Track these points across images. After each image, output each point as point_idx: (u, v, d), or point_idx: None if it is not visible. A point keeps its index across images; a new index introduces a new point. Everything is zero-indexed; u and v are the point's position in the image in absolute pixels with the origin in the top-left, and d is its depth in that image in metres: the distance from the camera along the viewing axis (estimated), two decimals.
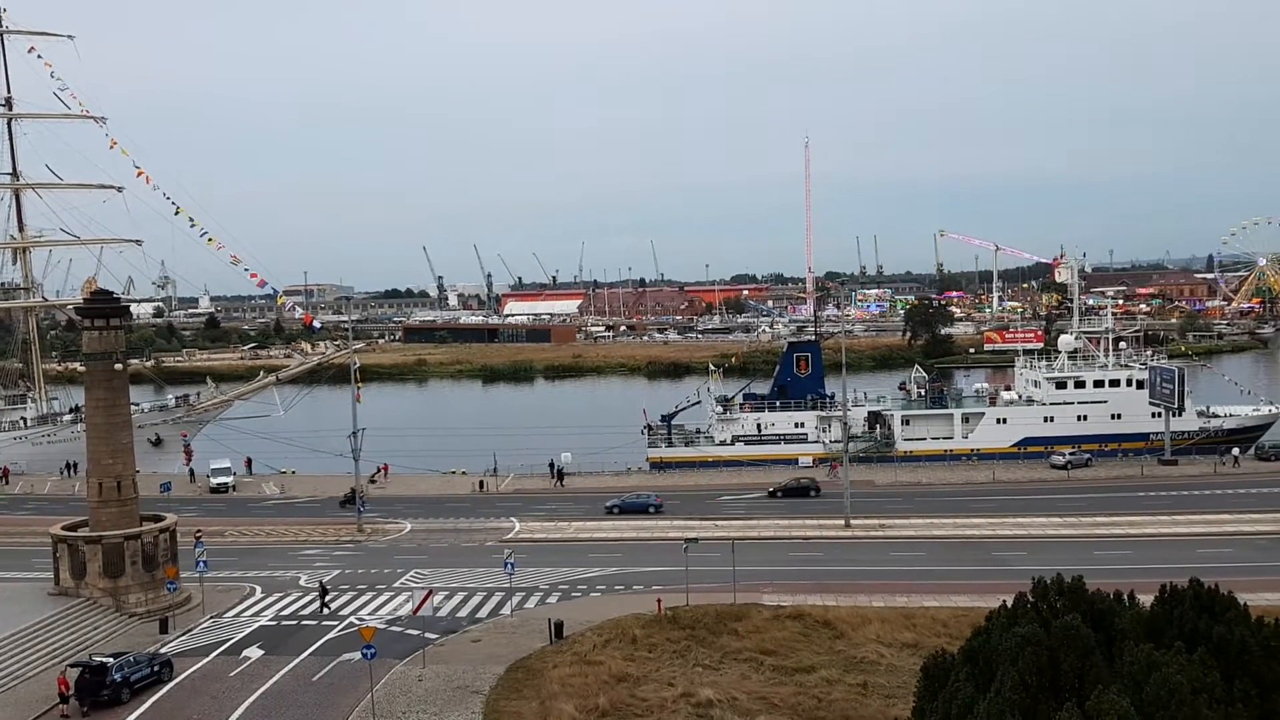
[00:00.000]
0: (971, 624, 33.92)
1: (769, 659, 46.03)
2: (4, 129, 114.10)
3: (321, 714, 41.17)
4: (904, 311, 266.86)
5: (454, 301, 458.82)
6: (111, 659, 43.95)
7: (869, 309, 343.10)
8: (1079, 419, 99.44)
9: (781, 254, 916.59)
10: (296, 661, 47.05)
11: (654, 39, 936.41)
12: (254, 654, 48.39)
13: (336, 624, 52.55)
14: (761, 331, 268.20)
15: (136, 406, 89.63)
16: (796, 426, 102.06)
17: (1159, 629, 27.17)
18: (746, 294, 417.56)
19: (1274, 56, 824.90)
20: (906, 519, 75.13)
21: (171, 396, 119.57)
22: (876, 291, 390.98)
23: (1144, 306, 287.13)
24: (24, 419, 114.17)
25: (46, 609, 53.77)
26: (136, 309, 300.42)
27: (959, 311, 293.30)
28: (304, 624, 52.82)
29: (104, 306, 58.74)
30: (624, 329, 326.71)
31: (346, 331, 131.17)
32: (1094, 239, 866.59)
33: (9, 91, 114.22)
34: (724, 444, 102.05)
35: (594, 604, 55.71)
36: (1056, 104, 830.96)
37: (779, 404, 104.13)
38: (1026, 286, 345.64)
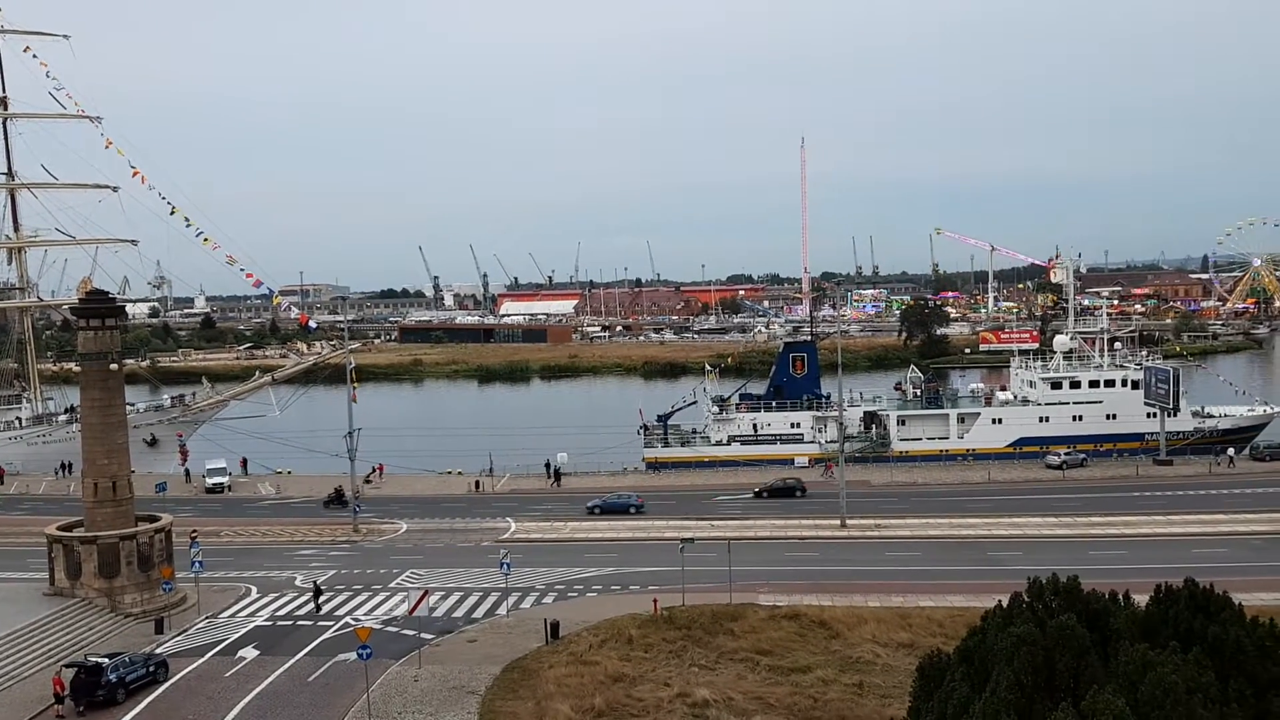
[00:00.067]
0: (967, 624, 33.96)
1: (765, 659, 46.05)
2: None
3: (317, 714, 41.14)
4: (900, 312, 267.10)
5: (450, 301, 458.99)
6: (107, 659, 43.93)
7: (865, 309, 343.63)
8: (1074, 419, 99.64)
9: (778, 254, 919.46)
10: (292, 662, 47.01)
11: (654, 39, 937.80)
12: (249, 654, 48.33)
13: (332, 624, 52.50)
14: (757, 332, 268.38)
15: (132, 407, 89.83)
16: (792, 427, 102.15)
17: (1154, 629, 27.20)
18: (743, 294, 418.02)
19: (1274, 56, 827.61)
20: (902, 519, 75.20)
21: (167, 396, 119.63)
22: (872, 292, 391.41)
23: (1139, 307, 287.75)
24: (19, 419, 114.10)
25: (42, 609, 53.70)
26: (132, 309, 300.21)
27: (954, 312, 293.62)
28: (299, 624, 52.77)
29: (99, 306, 58.71)
30: (620, 329, 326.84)
31: (342, 331, 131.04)
32: (1089, 239, 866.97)
33: (4, 91, 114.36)
34: (720, 444, 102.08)
35: (590, 604, 55.71)
36: (1056, 104, 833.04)
37: (775, 404, 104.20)
38: (1022, 287, 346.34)
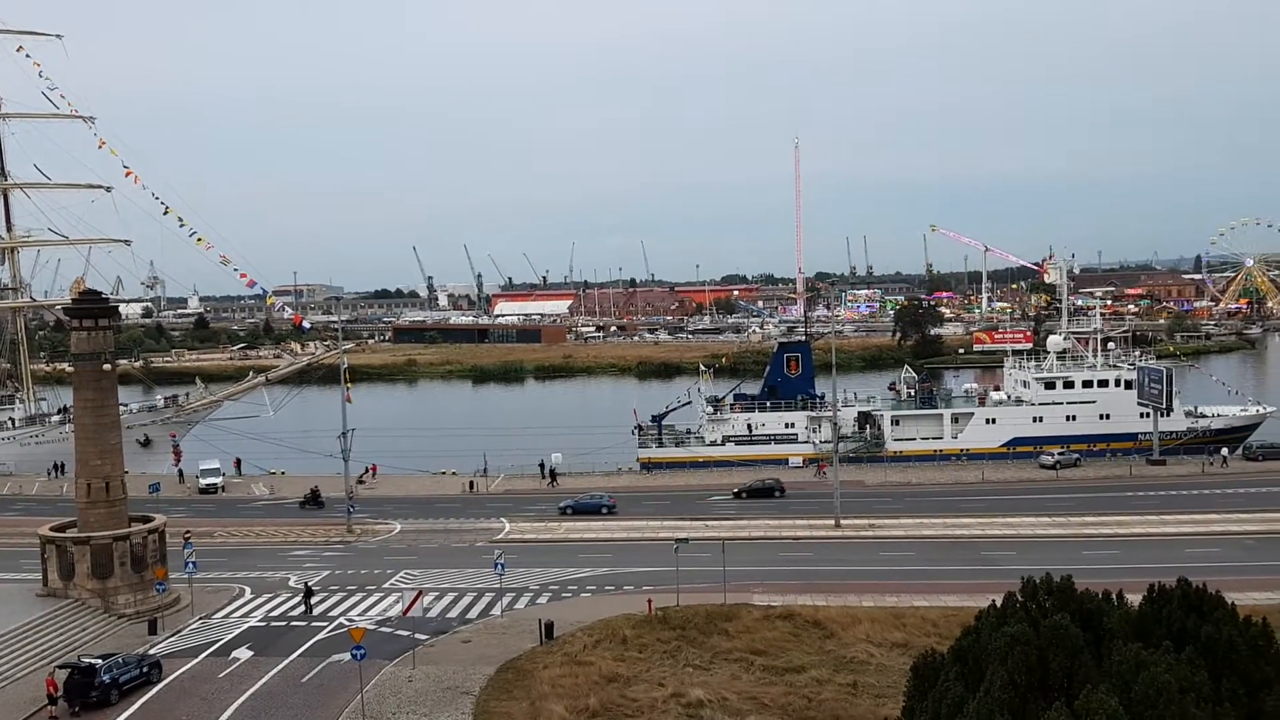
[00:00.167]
0: (961, 623, 34.01)
1: (759, 659, 46.07)
2: None
3: (311, 715, 41.08)
4: (894, 312, 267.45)
5: (444, 302, 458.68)
6: (100, 660, 43.84)
7: (859, 309, 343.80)
8: (1068, 419, 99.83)
9: (774, 254, 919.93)
10: (286, 662, 46.94)
11: (654, 39, 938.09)
12: (243, 655, 48.24)
13: (326, 625, 52.43)
14: (752, 332, 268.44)
15: (125, 407, 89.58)
16: (787, 427, 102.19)
17: (1147, 628, 27.26)
18: (737, 294, 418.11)
19: (1274, 56, 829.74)
20: (896, 519, 75.29)
21: (160, 397, 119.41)
22: (866, 292, 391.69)
23: (1132, 307, 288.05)
24: (12, 420, 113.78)
25: (35, 610, 53.54)
26: (125, 309, 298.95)
27: (948, 312, 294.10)
28: (293, 625, 52.69)
29: (92, 307, 58.56)
30: (614, 329, 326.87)
31: (336, 332, 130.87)
32: (1084, 240, 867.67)
33: None
34: (714, 444, 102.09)
35: (584, 604, 55.71)
36: (1056, 104, 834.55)
37: (769, 404, 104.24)
38: (1015, 287, 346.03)
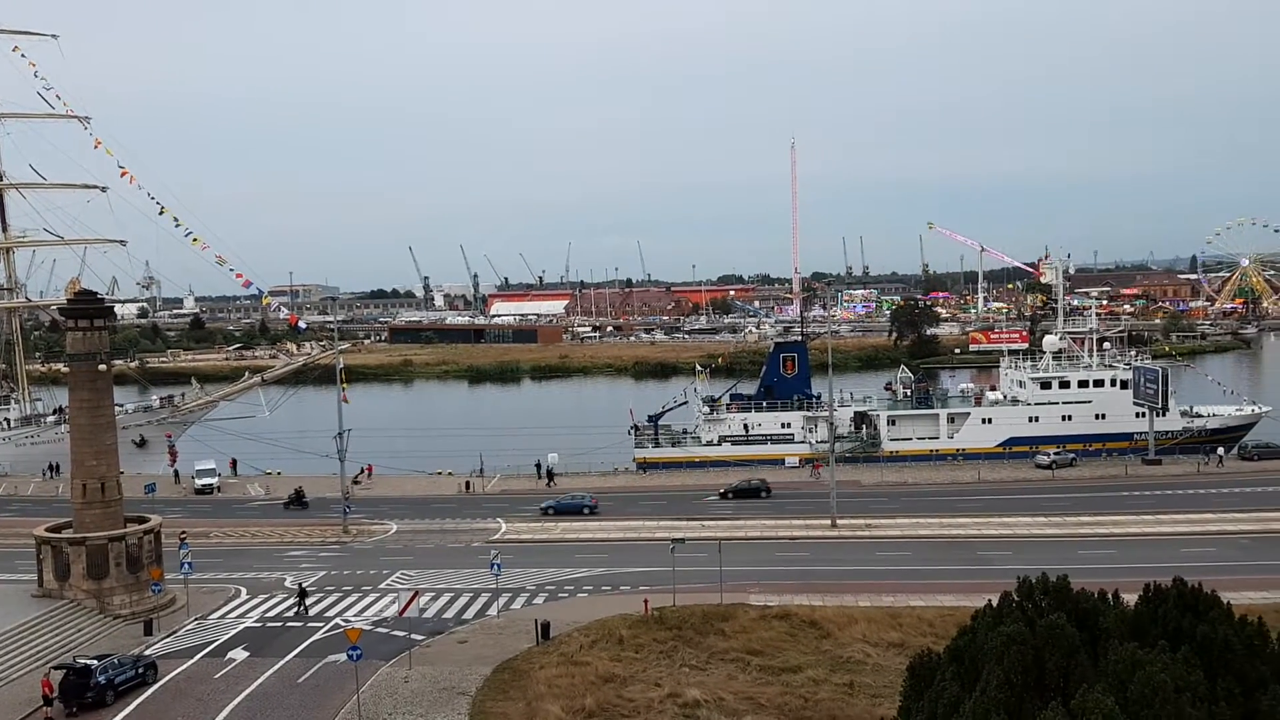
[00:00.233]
0: (957, 623, 34.00)
1: (756, 659, 46.08)
2: None
3: (307, 716, 41.05)
4: (890, 312, 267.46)
5: (440, 302, 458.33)
6: (96, 661, 43.79)
7: (855, 309, 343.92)
8: (1064, 419, 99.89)
9: (771, 254, 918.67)
10: (282, 663, 46.90)
11: (654, 39, 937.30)
12: (239, 656, 48.21)
13: (322, 625, 52.40)
14: (748, 332, 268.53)
15: (120, 407, 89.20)
16: (783, 427, 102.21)
17: (1143, 628, 27.28)
18: (733, 294, 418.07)
19: (1274, 56, 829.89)
20: (892, 519, 75.32)
21: (156, 397, 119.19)
22: (862, 292, 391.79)
23: (1128, 307, 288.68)
24: (7, 420, 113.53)
25: (30, 611, 53.48)
26: (120, 309, 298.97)
27: (944, 312, 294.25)
28: (289, 626, 52.64)
29: (88, 307, 58.47)
30: (611, 329, 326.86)
31: (332, 332, 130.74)
32: (1079, 240, 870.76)
33: None
34: (711, 444, 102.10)
35: (581, 604, 55.70)
36: (1056, 104, 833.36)
37: (765, 404, 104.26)
38: (1011, 287, 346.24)
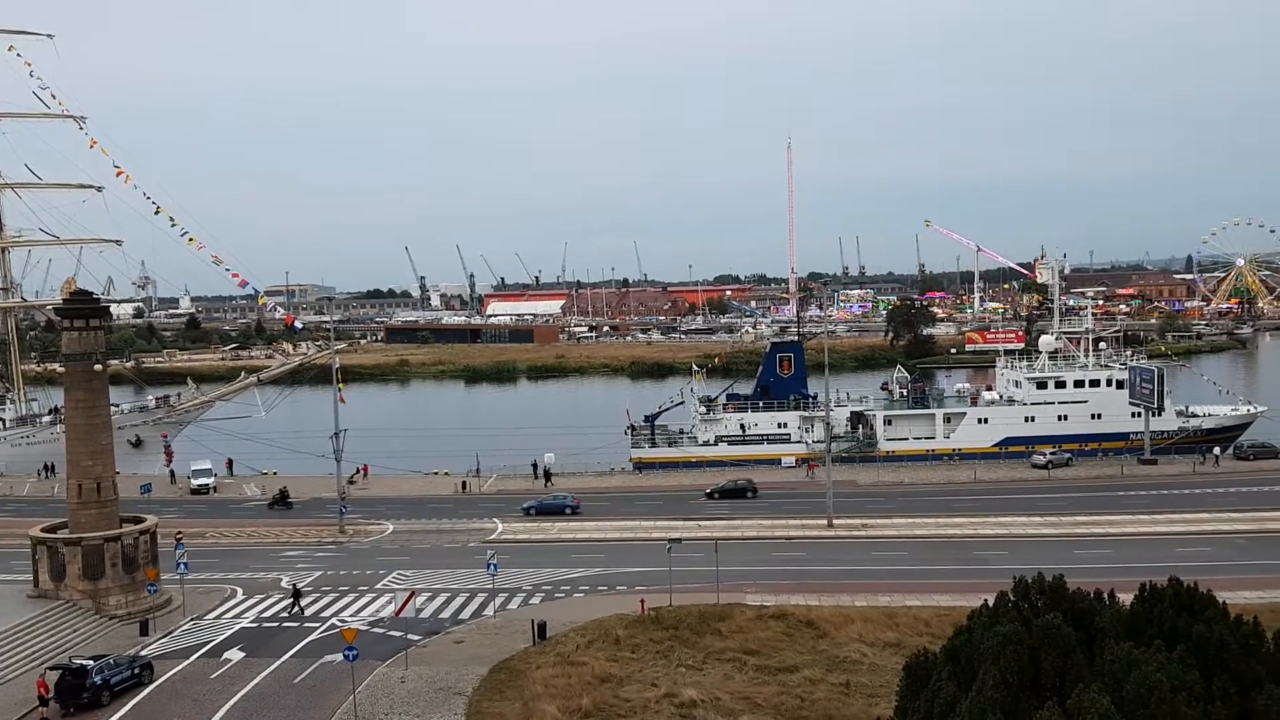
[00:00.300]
0: (953, 623, 34.03)
1: (752, 659, 46.10)
2: None
3: (303, 716, 41.00)
4: (886, 312, 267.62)
5: (436, 302, 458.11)
6: (91, 661, 43.72)
7: (851, 309, 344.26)
8: (1059, 419, 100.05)
9: (767, 254, 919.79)
10: (278, 664, 46.84)
11: (654, 39, 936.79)
12: (235, 656, 48.15)
13: (318, 626, 52.34)
14: (744, 332, 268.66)
15: (116, 407, 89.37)
16: (780, 427, 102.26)
17: (1139, 627, 27.29)
18: (730, 294, 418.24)
19: (1274, 56, 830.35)
20: (889, 519, 75.37)
21: (152, 397, 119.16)
22: (859, 292, 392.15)
23: (1124, 307, 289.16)
24: (3, 420, 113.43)
25: (26, 611, 53.39)
26: (116, 309, 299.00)
27: (941, 312, 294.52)
28: (285, 626, 52.57)
29: (83, 307, 58.39)
30: (607, 329, 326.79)
31: (328, 332, 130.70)
32: (1075, 240, 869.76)
33: None
34: (707, 444, 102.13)
35: (577, 605, 55.69)
36: (1056, 104, 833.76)
37: (762, 404, 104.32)
38: (1007, 287, 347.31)
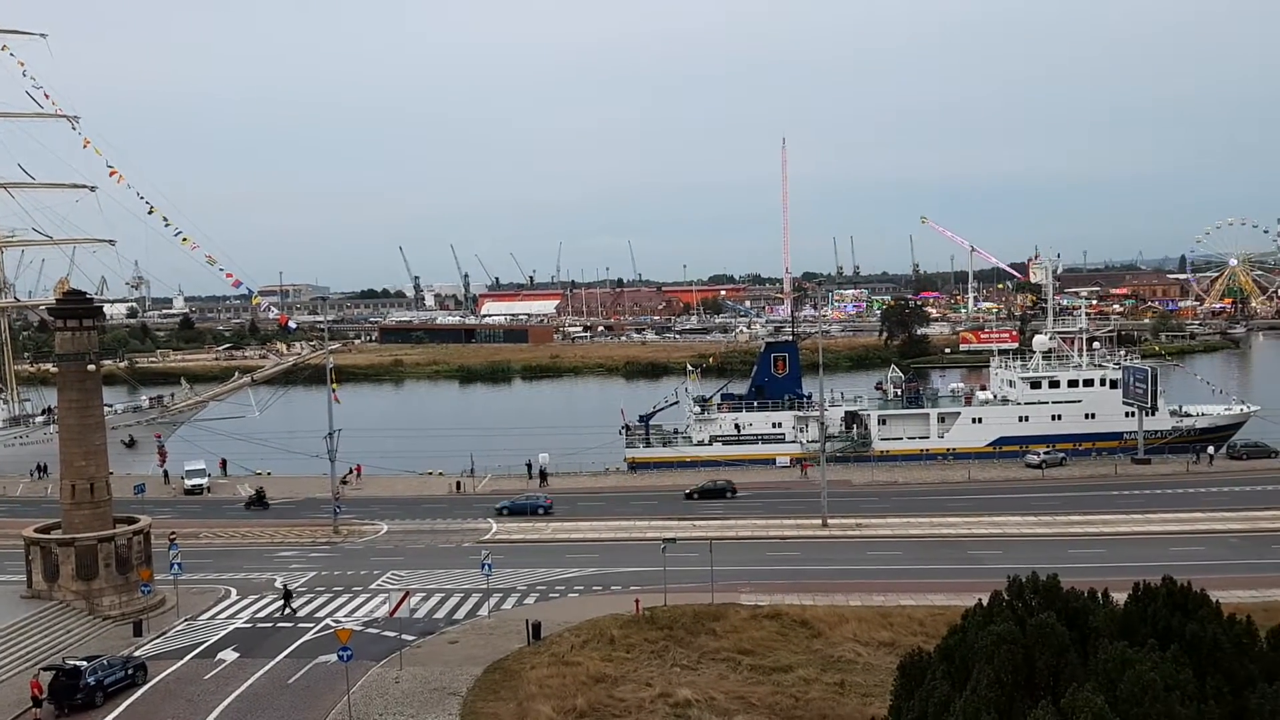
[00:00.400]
0: (948, 622, 34.10)
1: (747, 658, 46.12)
2: None
3: (298, 717, 40.97)
4: (880, 312, 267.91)
5: (431, 302, 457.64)
6: (85, 662, 43.67)
7: (846, 309, 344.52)
8: (1053, 418, 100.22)
9: (763, 254, 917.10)
10: (272, 664, 46.79)
11: (654, 39, 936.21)
12: (229, 657, 48.09)
13: (312, 626, 52.27)
14: (739, 332, 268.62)
15: (110, 408, 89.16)
16: (774, 426, 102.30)
17: (1132, 627, 27.36)
18: (724, 294, 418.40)
19: (1274, 56, 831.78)
20: (883, 518, 75.44)
21: (145, 397, 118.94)
22: (853, 292, 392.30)
23: (1117, 307, 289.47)
24: None
25: (19, 612, 53.28)
26: (110, 309, 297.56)
27: (935, 312, 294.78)
28: (280, 626, 52.52)
29: (77, 307, 58.28)
30: (602, 329, 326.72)
31: (322, 332, 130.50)
32: (1076, 239, 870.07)
33: None
34: (702, 444, 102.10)
35: (572, 605, 55.69)
36: (1056, 104, 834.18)
37: (756, 404, 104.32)
38: (1001, 287, 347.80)
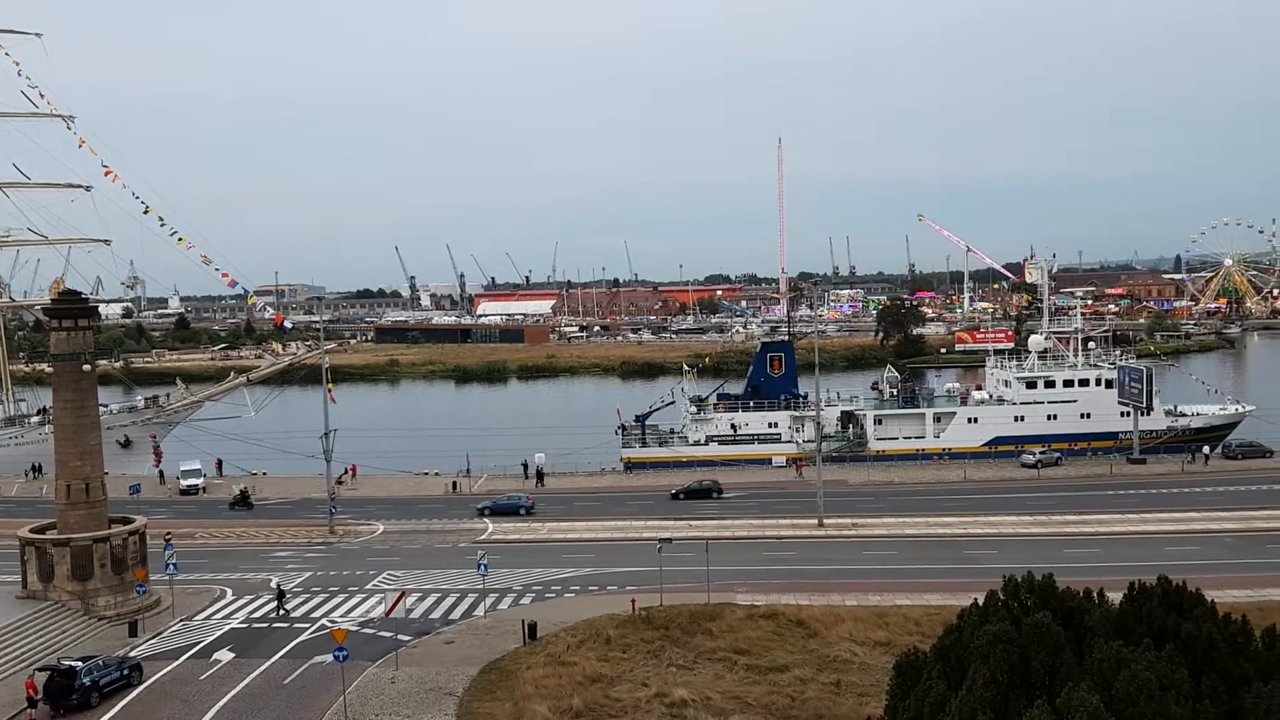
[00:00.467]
0: (943, 622, 34.08)
1: (743, 658, 46.12)
2: None
3: (293, 717, 40.92)
4: (876, 312, 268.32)
5: (427, 302, 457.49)
6: (80, 662, 43.58)
7: (842, 309, 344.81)
8: (1049, 418, 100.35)
9: (760, 254, 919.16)
10: (268, 664, 46.75)
11: (654, 39, 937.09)
12: (225, 657, 48.04)
13: (308, 626, 52.23)
14: (735, 332, 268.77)
15: (105, 408, 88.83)
16: (770, 426, 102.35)
17: (1128, 626, 27.39)
18: (720, 294, 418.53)
19: (1274, 56, 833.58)
20: (879, 518, 75.50)
21: (141, 398, 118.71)
22: (849, 292, 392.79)
23: (1113, 307, 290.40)
24: None
25: (14, 612, 53.18)
26: (105, 309, 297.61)
27: (930, 312, 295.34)
28: (275, 626, 52.47)
29: (72, 307, 58.18)
30: (598, 329, 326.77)
31: (318, 332, 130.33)
32: (1075, 239, 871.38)
33: None
34: (698, 444, 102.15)
35: (568, 605, 55.67)
36: (1056, 104, 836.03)
37: (752, 404, 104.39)
38: (997, 287, 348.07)
